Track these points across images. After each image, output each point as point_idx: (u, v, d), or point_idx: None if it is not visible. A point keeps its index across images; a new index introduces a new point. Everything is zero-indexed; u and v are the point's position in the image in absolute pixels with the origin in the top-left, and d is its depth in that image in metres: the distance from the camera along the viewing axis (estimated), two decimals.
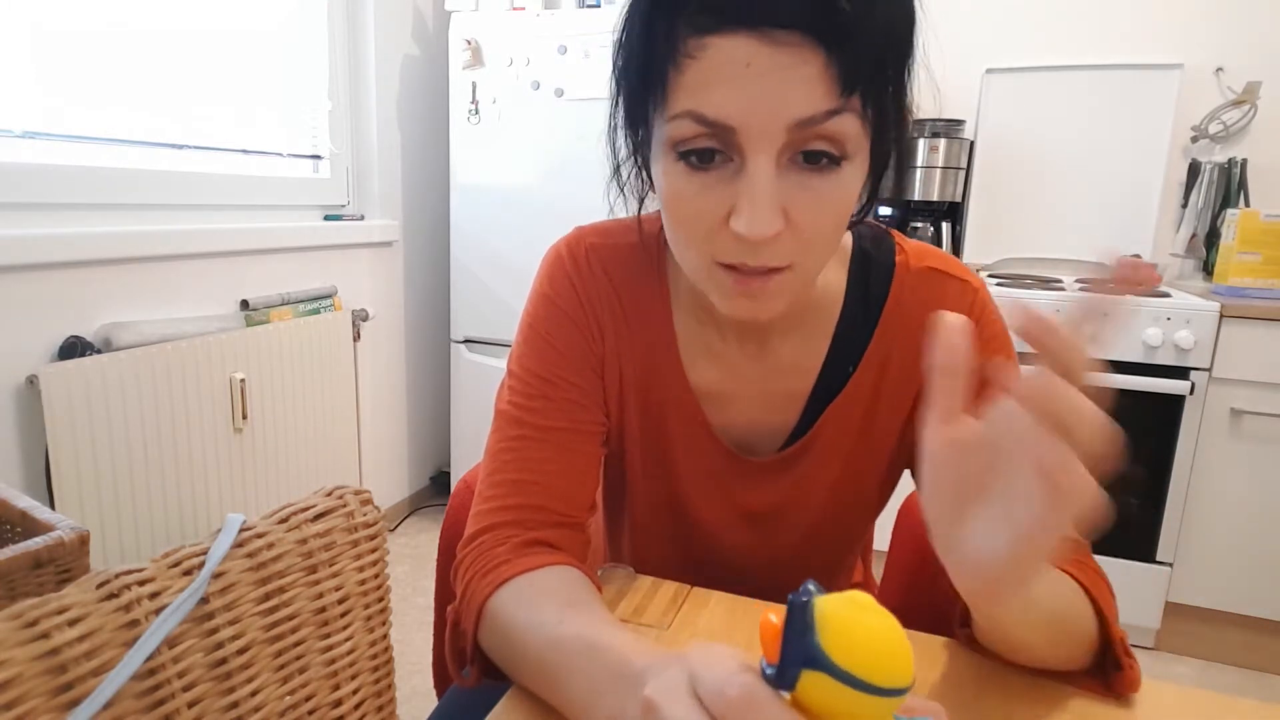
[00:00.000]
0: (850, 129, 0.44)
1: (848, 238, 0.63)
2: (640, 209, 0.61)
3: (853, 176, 0.46)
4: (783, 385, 0.63)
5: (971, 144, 2.13)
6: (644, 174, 0.55)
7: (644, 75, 0.47)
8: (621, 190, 0.58)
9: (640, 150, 0.53)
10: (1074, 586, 0.49)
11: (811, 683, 0.27)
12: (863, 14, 0.42)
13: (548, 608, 0.49)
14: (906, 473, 0.68)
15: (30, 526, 0.92)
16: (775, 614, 0.29)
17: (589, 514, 0.62)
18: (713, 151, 0.45)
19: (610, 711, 0.39)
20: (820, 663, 0.27)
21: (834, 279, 0.62)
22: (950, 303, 0.60)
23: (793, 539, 0.68)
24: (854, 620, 0.27)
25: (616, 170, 0.57)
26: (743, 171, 0.45)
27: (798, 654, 0.27)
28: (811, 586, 0.28)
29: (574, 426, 0.61)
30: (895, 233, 0.64)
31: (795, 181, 0.45)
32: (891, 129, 0.48)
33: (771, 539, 0.69)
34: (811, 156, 0.45)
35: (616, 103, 0.52)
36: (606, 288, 0.63)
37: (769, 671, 0.28)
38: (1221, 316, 1.64)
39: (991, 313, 0.61)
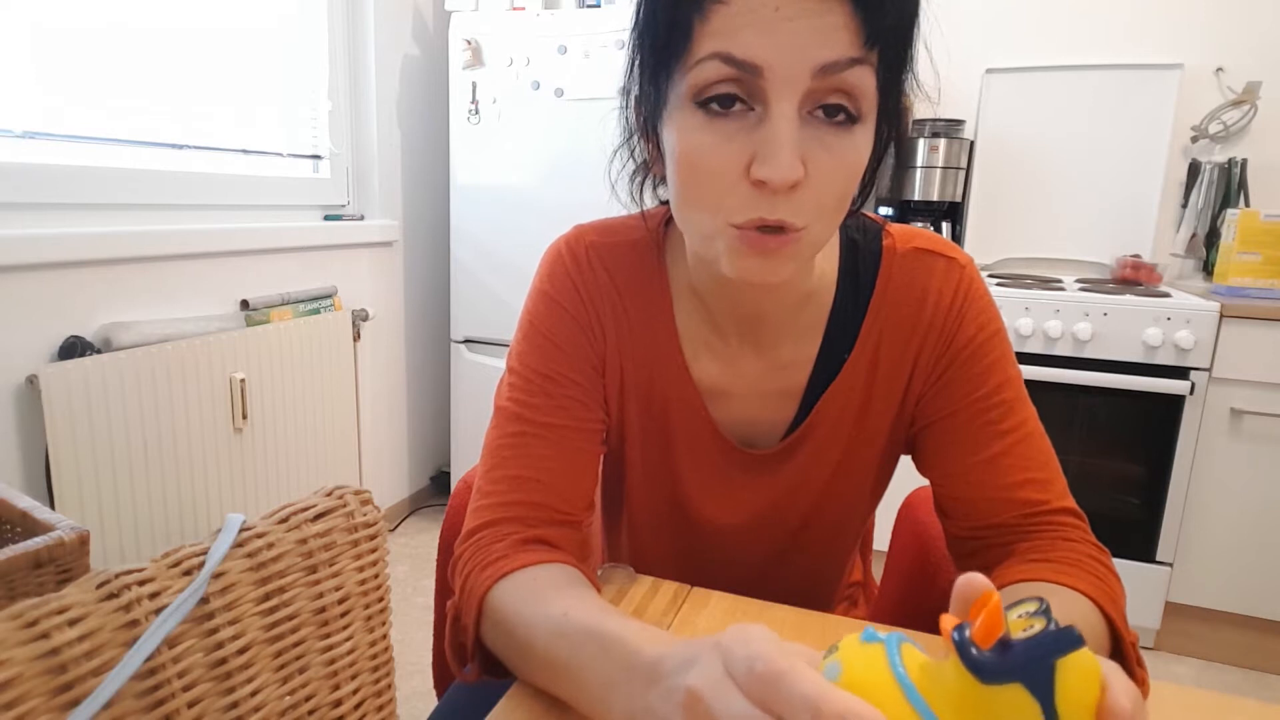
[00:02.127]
0: (867, 85, 0.45)
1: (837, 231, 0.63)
2: (641, 204, 0.61)
3: (864, 140, 0.47)
4: (782, 380, 0.64)
5: (971, 144, 2.13)
6: (653, 145, 0.54)
7: (668, 27, 0.47)
8: (632, 155, 0.57)
9: (651, 120, 0.52)
10: (1089, 607, 0.49)
11: (1008, 695, 0.26)
12: None
13: (551, 600, 0.49)
14: (906, 467, 0.68)
15: (30, 526, 0.92)
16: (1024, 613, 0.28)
17: (587, 513, 0.62)
18: (733, 98, 0.45)
19: (627, 703, 0.39)
20: (1040, 689, 0.26)
21: (827, 269, 0.62)
22: (937, 280, 0.60)
23: (792, 528, 0.69)
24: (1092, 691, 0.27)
25: (629, 137, 0.56)
26: (765, 119, 0.45)
27: (1028, 665, 0.26)
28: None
29: (574, 424, 0.61)
30: (881, 219, 0.64)
31: (813, 136, 0.45)
32: (896, 104, 0.49)
33: (771, 530, 0.69)
34: (830, 111, 0.45)
35: (632, 67, 0.52)
36: (608, 285, 0.63)
37: (973, 649, 0.27)
38: (1221, 316, 1.64)
39: (979, 289, 0.61)
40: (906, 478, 0.71)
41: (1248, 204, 1.99)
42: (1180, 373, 1.68)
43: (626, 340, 0.64)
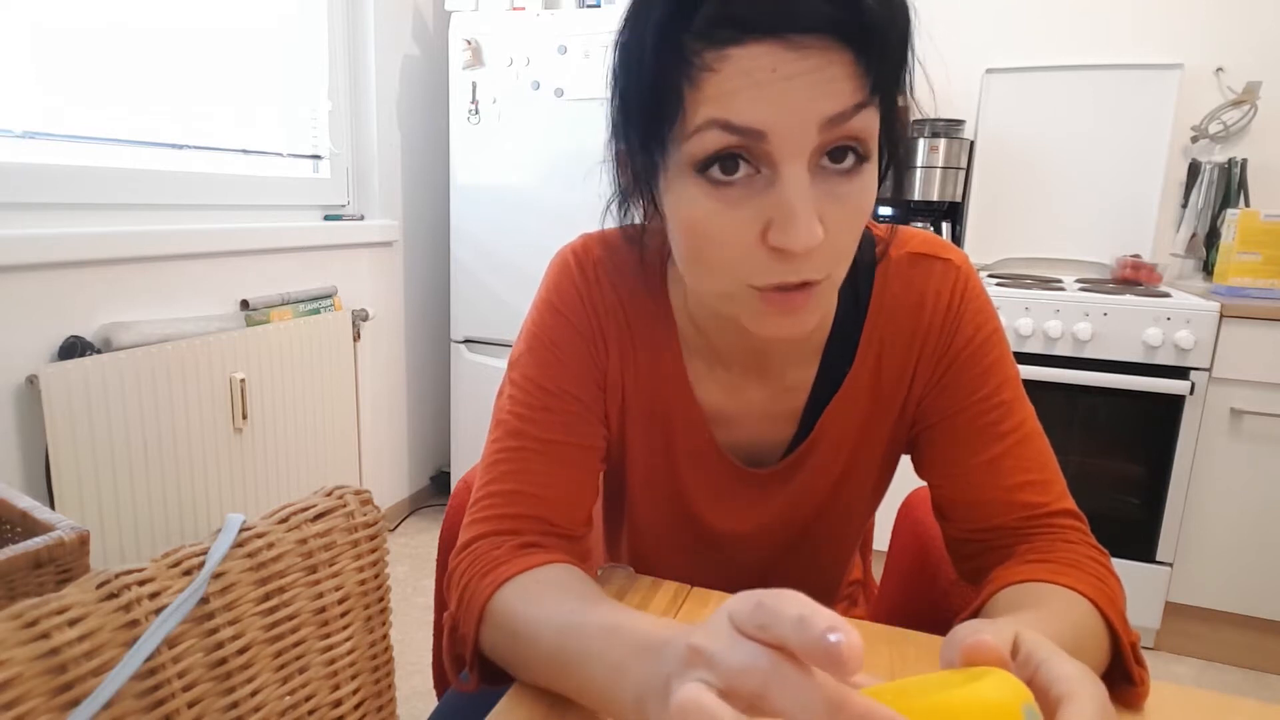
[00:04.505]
0: (873, 125, 0.44)
1: None
2: (643, 229, 0.60)
3: (871, 177, 0.46)
4: (786, 402, 0.63)
5: (971, 144, 2.13)
6: (646, 201, 0.53)
7: (655, 96, 0.44)
8: (623, 217, 0.57)
9: (645, 178, 0.50)
10: (1089, 608, 0.49)
11: None
12: (884, 10, 0.41)
13: (558, 599, 0.49)
14: (907, 467, 0.68)
15: (30, 526, 0.92)
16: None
17: (585, 529, 0.61)
18: (737, 160, 0.43)
19: (636, 685, 0.38)
20: None
21: None
22: (934, 284, 0.60)
23: (794, 536, 0.69)
24: None
25: (622, 201, 0.55)
26: (776, 182, 0.43)
27: None
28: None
29: (575, 440, 0.60)
30: (874, 224, 0.63)
31: (825, 191, 0.44)
32: (897, 125, 0.48)
33: (774, 538, 0.69)
34: (837, 155, 0.44)
35: (617, 129, 0.50)
36: (614, 303, 0.62)
37: None
38: (1221, 316, 1.64)
39: (975, 289, 0.61)
40: (906, 477, 0.71)
41: (1248, 204, 1.99)
42: (1180, 373, 1.68)
43: (629, 358, 0.63)
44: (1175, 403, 1.69)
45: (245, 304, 1.72)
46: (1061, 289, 1.83)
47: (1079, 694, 0.32)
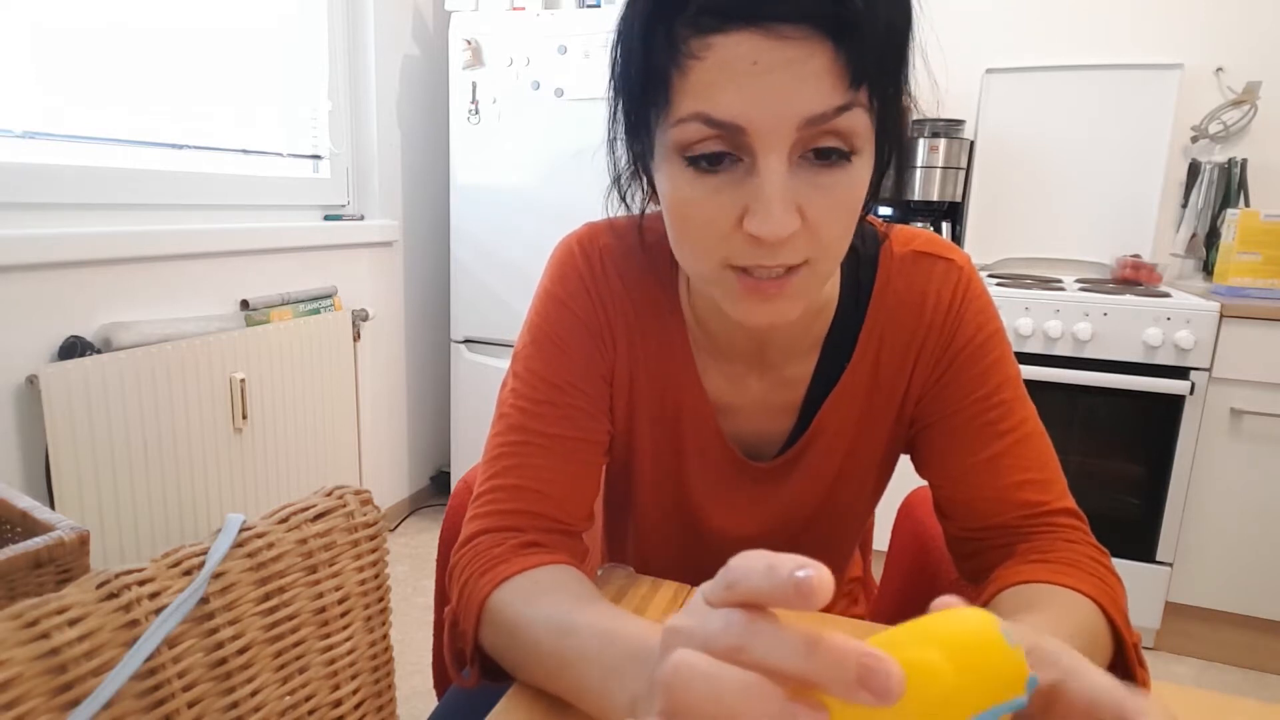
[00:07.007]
0: (859, 124, 0.44)
1: None
2: (642, 215, 0.60)
3: (862, 171, 0.46)
4: (786, 394, 0.63)
5: (971, 144, 2.13)
6: (645, 183, 0.54)
7: (645, 81, 0.46)
8: (623, 199, 0.57)
9: (641, 160, 0.52)
10: (1091, 608, 0.49)
11: None
12: (869, 4, 0.41)
13: (555, 601, 0.49)
14: (906, 467, 0.68)
15: (30, 526, 0.92)
16: None
17: (587, 524, 0.61)
18: (721, 154, 0.44)
19: (630, 689, 0.39)
20: None
21: (831, 282, 0.61)
22: (936, 283, 0.60)
23: (795, 533, 0.69)
24: None
25: (617, 180, 0.56)
26: (754, 172, 0.44)
27: None
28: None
29: (579, 435, 0.60)
30: (876, 220, 0.63)
31: (807, 179, 0.44)
32: (895, 123, 0.47)
33: (775, 536, 0.69)
34: (822, 153, 0.44)
35: (615, 113, 0.51)
36: (621, 292, 0.62)
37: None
38: (1221, 316, 1.64)
39: (977, 289, 0.61)
40: (906, 478, 0.71)
41: (1248, 204, 1.99)
42: (1180, 373, 1.68)
43: (639, 349, 0.63)
44: (1175, 403, 1.69)
45: (245, 304, 1.72)
46: (1061, 289, 1.83)
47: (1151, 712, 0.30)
